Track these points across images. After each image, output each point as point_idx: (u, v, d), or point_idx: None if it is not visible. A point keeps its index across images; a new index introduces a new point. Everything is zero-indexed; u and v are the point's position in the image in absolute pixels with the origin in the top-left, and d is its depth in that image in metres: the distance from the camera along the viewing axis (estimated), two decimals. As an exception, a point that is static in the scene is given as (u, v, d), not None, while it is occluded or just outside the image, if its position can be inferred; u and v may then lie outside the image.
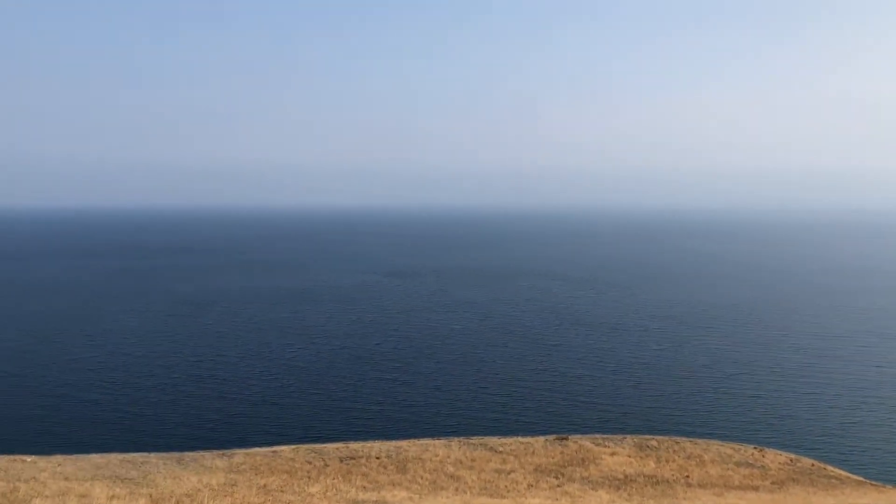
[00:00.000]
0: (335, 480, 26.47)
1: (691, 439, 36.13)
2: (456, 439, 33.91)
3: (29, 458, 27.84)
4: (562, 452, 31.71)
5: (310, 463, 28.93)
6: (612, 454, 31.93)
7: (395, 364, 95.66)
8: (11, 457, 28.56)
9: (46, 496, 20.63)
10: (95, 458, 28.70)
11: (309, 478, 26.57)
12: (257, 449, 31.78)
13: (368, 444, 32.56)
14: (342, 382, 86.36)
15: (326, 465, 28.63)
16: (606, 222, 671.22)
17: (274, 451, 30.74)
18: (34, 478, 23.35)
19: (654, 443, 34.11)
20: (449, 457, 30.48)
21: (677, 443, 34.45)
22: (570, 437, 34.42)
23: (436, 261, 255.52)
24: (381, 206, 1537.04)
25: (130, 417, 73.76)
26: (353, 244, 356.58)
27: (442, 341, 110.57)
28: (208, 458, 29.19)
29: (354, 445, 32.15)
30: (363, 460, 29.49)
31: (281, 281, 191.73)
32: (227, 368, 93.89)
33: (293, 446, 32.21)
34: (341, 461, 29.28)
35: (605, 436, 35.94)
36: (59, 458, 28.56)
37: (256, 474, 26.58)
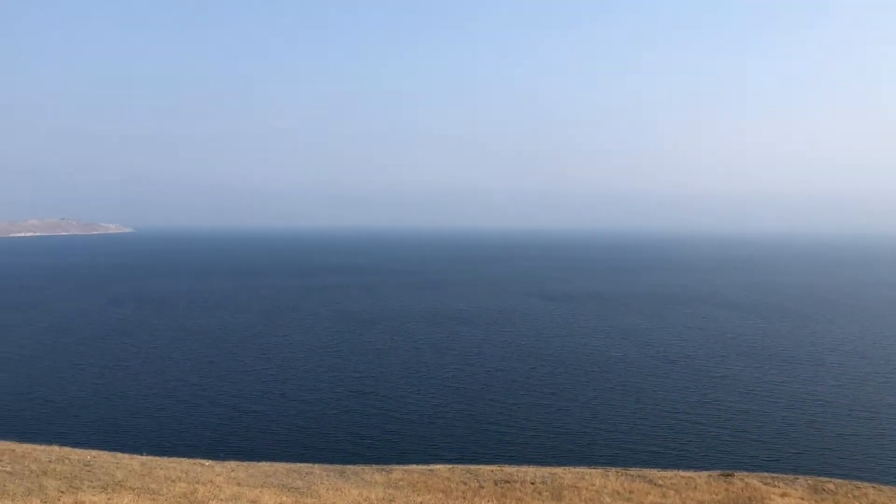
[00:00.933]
0: (490, 503, 26.52)
1: (875, 485, 33.09)
2: (613, 469, 33.02)
3: (207, 463, 29.97)
4: (727, 489, 30.03)
5: (465, 483, 29.17)
6: (783, 495, 29.85)
7: (551, 389, 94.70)
8: (192, 460, 30.88)
9: (221, 499, 22.11)
10: (264, 466, 30.43)
11: (464, 498, 26.78)
12: (414, 466, 32.45)
13: (523, 468, 32.37)
14: (497, 405, 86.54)
15: (481, 487, 28.75)
16: (769, 248, 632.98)
17: (430, 470, 31.26)
18: (211, 481, 25.11)
19: (831, 486, 31.58)
20: (606, 487, 29.71)
21: (858, 487, 31.69)
22: (735, 473, 32.57)
23: (594, 285, 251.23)
24: (543, 229, 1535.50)
25: (297, 429, 77.59)
26: (511, 266, 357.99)
27: (599, 368, 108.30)
28: (368, 472, 30.14)
29: (509, 469, 32.08)
30: (518, 485, 29.35)
31: (439, 301, 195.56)
32: (386, 385, 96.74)
33: (449, 466, 32.61)
34: (496, 484, 29.30)
35: (774, 475, 33.70)
36: (232, 463, 30.54)
37: (413, 491, 27.13)
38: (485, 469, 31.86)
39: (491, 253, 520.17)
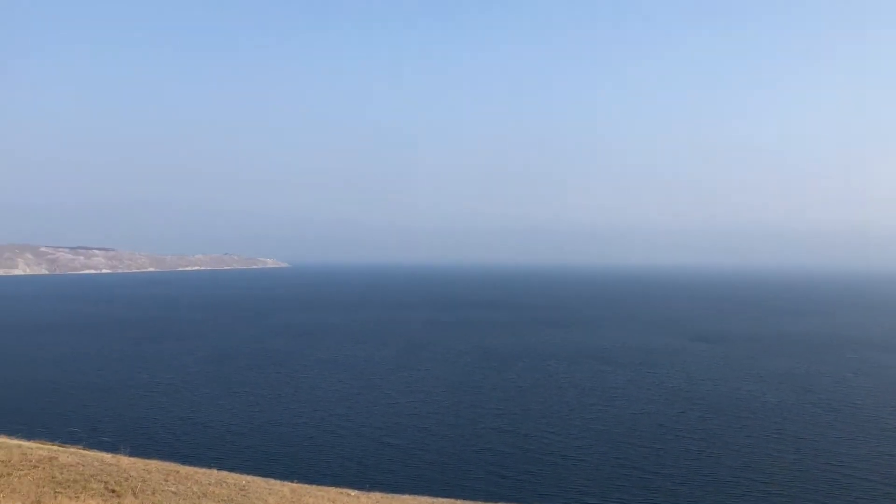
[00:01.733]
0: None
1: None
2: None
3: (353, 493, 30.68)
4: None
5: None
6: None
7: (701, 435, 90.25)
8: (339, 489, 31.72)
9: (366, 531, 22.49)
10: (407, 498, 30.80)
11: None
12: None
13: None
14: (643, 449, 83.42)
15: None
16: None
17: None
18: (356, 512, 25.62)
19: None
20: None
21: None
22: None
23: (748, 325, 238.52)
24: (700, 264, 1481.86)
25: (439, 464, 78.11)
26: (662, 304, 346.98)
27: (753, 414, 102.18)
28: (509, 513, 29.74)
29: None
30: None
31: (585, 339, 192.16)
32: (527, 423, 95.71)
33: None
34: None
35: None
36: (377, 495, 31.09)
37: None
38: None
39: (643, 290, 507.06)
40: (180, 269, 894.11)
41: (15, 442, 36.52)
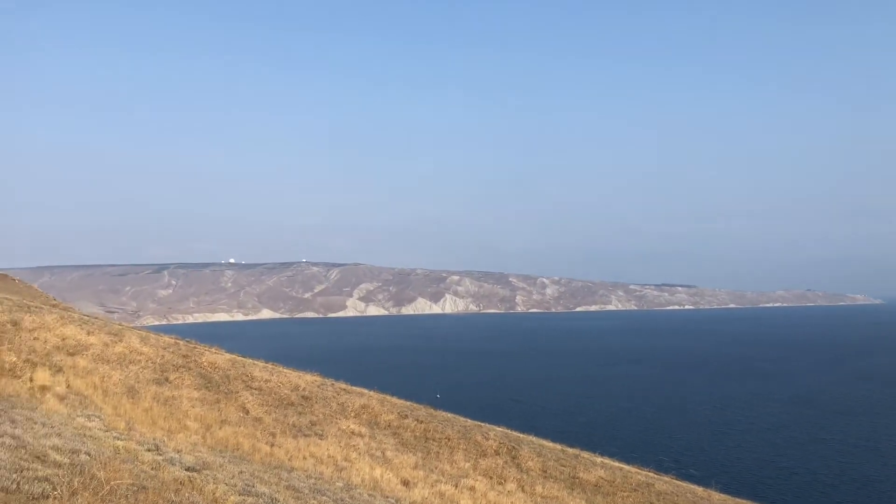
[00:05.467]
0: None
1: None
2: None
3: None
4: None
5: None
6: None
7: None
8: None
9: None
10: None
11: None
12: None
13: None
14: None
15: None
16: None
17: None
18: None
19: None
20: None
21: None
22: None
23: None
24: None
25: None
26: None
27: None
28: None
29: None
30: None
31: None
32: None
33: None
34: None
35: None
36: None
37: None
38: None
39: None
40: (760, 305, 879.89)
41: (616, 464, 43.36)
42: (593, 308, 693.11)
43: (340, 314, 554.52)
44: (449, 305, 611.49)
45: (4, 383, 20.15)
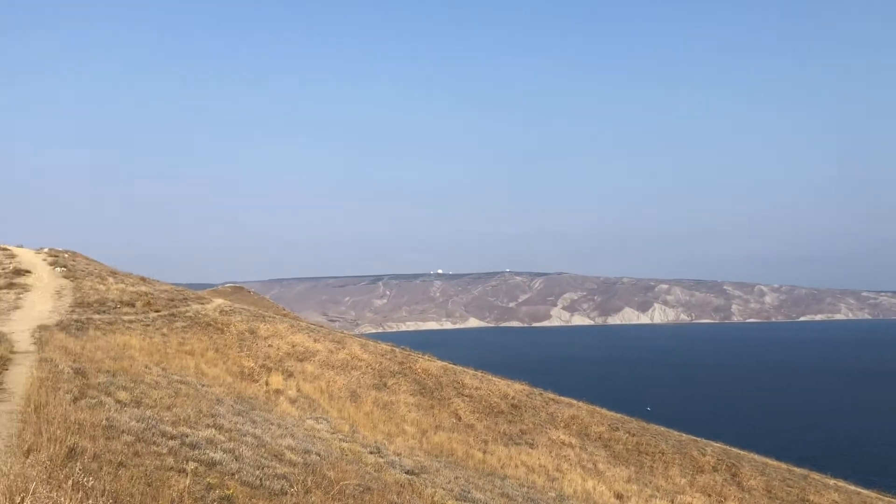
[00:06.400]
0: None
1: None
2: None
3: None
4: None
5: None
6: None
7: None
8: None
9: None
10: None
11: None
12: None
13: None
14: None
15: None
16: None
17: None
18: None
19: None
20: None
21: None
22: None
23: None
24: None
25: None
26: None
27: None
28: None
29: None
30: None
31: None
32: None
33: None
34: None
35: None
36: None
37: None
38: None
39: None
40: None
41: (853, 488, 39.59)
42: (819, 317, 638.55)
43: (545, 324, 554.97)
44: (658, 315, 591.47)
45: (245, 386, 22.16)
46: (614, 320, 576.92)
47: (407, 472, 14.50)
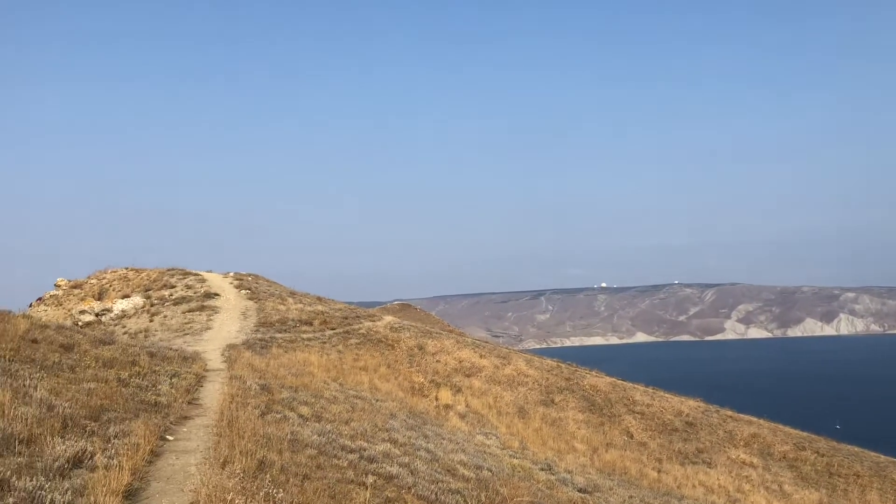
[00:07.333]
0: None
1: None
2: None
3: None
4: None
5: None
6: None
7: None
8: None
9: None
10: None
11: None
12: None
13: None
14: None
15: None
16: None
17: None
18: None
19: None
20: None
21: None
22: None
23: None
24: None
25: None
26: None
27: None
28: None
29: None
30: None
31: None
32: None
33: None
34: None
35: None
36: None
37: None
38: None
39: None
40: None
41: None
42: None
43: (718, 337, 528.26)
44: (844, 326, 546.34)
45: (415, 401, 22.69)
46: (794, 332, 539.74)
47: (580, 490, 14.21)
